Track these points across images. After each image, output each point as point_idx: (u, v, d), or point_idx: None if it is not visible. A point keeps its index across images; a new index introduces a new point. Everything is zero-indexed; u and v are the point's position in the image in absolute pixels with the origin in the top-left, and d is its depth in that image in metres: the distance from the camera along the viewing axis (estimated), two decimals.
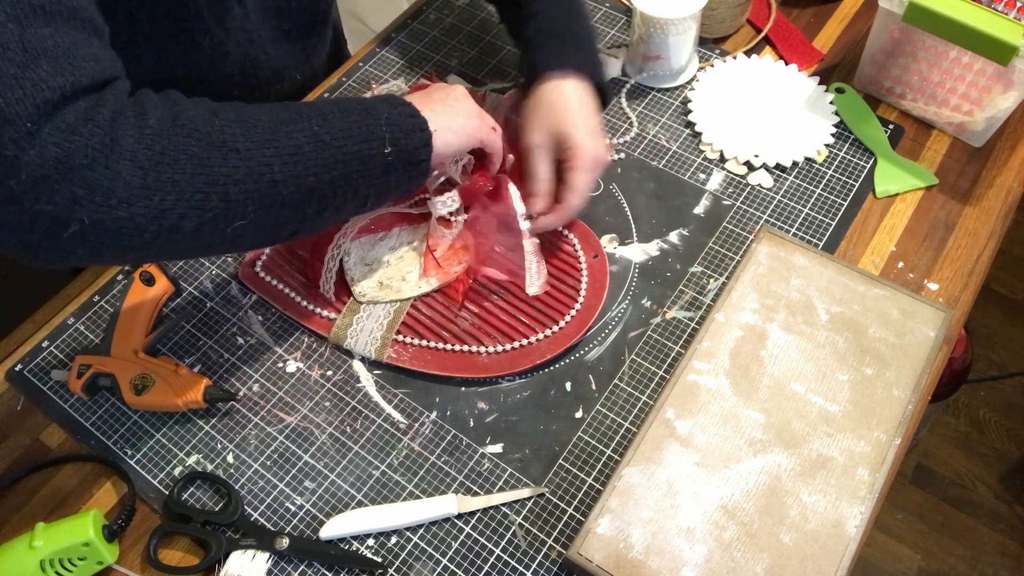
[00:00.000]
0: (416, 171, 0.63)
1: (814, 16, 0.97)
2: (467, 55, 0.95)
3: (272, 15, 0.79)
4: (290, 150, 0.55)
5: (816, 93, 0.87)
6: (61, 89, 0.46)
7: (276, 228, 0.58)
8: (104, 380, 0.68)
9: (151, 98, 0.52)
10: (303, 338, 0.74)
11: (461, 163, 0.73)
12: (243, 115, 0.55)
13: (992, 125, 0.81)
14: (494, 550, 0.63)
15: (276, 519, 0.65)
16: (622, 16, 0.98)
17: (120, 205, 0.48)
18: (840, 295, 0.72)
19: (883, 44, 0.84)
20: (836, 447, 0.64)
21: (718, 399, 0.67)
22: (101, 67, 0.49)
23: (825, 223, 0.79)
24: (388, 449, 0.68)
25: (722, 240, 0.78)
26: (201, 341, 0.74)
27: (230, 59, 0.77)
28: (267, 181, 0.54)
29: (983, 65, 0.78)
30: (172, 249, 0.53)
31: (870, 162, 0.83)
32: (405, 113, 0.62)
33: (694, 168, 0.83)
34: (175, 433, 0.69)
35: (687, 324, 0.73)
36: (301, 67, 0.89)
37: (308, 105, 0.59)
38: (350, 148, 0.58)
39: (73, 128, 0.46)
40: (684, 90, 0.90)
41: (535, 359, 0.71)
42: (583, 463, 0.67)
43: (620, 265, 0.77)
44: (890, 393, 0.66)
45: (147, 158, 0.49)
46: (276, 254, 0.78)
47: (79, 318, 0.76)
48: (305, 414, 0.70)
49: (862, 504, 0.62)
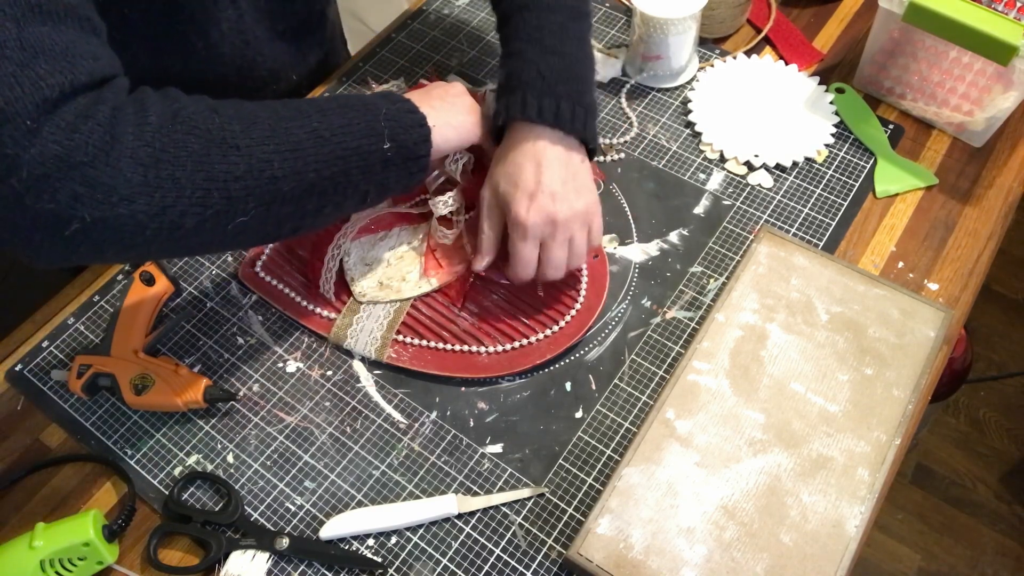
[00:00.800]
0: (416, 166, 0.63)
1: (814, 16, 0.97)
2: (467, 55, 0.95)
3: (265, 16, 0.79)
4: (290, 146, 0.55)
5: (816, 93, 0.87)
6: (60, 87, 0.46)
7: (277, 225, 0.58)
8: (104, 380, 0.68)
9: (151, 95, 0.52)
10: (303, 338, 0.74)
11: (461, 162, 0.73)
12: (243, 112, 0.55)
13: (992, 125, 0.81)
14: (494, 550, 0.63)
15: (276, 519, 0.65)
16: (622, 16, 0.98)
17: (121, 202, 0.48)
18: (840, 295, 0.72)
19: (883, 44, 0.84)
20: (836, 447, 0.64)
21: (718, 399, 0.67)
22: (99, 65, 0.50)
23: (825, 223, 0.79)
24: (388, 449, 0.68)
25: (722, 240, 0.78)
26: (201, 341, 0.74)
27: (225, 60, 0.77)
28: (267, 177, 0.54)
29: (983, 65, 0.78)
30: (174, 246, 0.53)
31: (870, 162, 0.83)
32: (404, 109, 0.62)
33: (694, 168, 0.83)
34: (175, 433, 0.69)
35: (687, 324, 0.73)
36: (297, 67, 0.89)
37: (307, 102, 0.59)
38: (349, 144, 0.58)
39: (73, 126, 0.46)
40: (684, 90, 0.90)
41: (535, 359, 0.71)
42: (583, 463, 0.67)
43: (620, 265, 0.77)
44: (890, 393, 0.66)
45: (147, 155, 0.49)
46: (276, 254, 0.78)
47: (79, 318, 0.76)
48: (305, 414, 0.70)
49: (862, 504, 0.62)
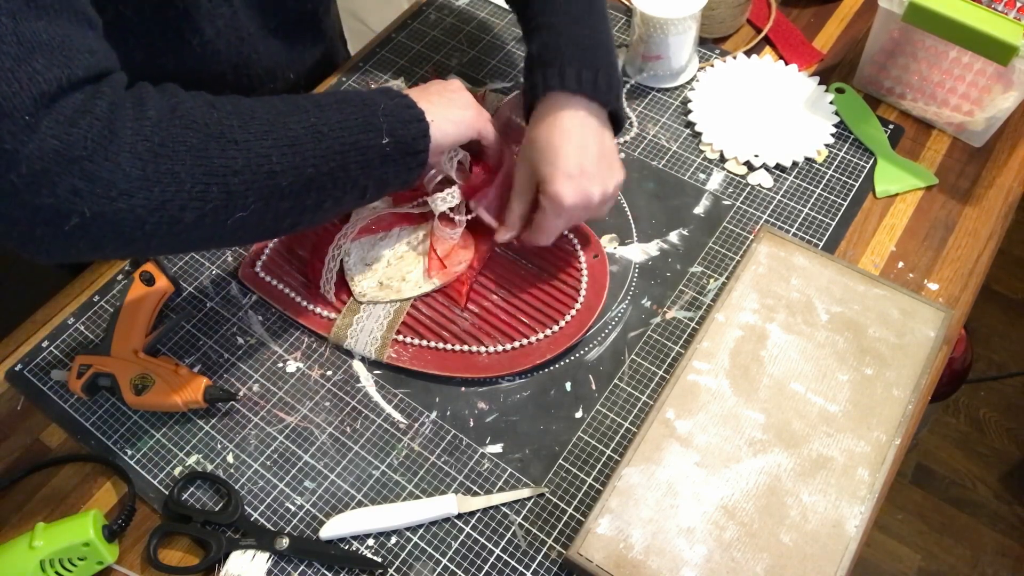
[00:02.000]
0: (414, 162, 0.63)
1: (814, 16, 0.97)
2: (467, 55, 0.95)
3: (258, 12, 0.79)
4: (288, 141, 0.55)
5: (816, 93, 0.87)
6: (57, 81, 0.46)
7: (276, 220, 0.58)
8: (104, 380, 0.68)
9: (149, 91, 0.52)
10: (303, 338, 0.74)
11: (456, 159, 0.73)
12: (241, 107, 0.55)
13: (992, 125, 0.81)
14: (494, 550, 0.63)
15: (276, 519, 0.65)
16: (622, 16, 0.98)
17: (120, 197, 0.48)
18: (840, 295, 0.72)
19: (883, 44, 0.84)
20: (836, 447, 0.64)
21: (718, 399, 0.67)
22: (96, 59, 0.50)
23: (825, 223, 0.79)
24: (388, 449, 0.68)
25: (722, 240, 0.78)
26: (201, 341, 0.74)
27: (221, 58, 0.77)
28: (266, 172, 0.54)
29: (983, 65, 0.78)
30: (174, 242, 0.53)
31: (870, 162, 0.83)
32: (402, 104, 0.62)
33: (694, 168, 0.83)
34: (175, 433, 0.69)
35: (687, 324, 0.73)
36: (294, 65, 0.89)
37: (306, 97, 0.59)
38: (347, 139, 0.58)
39: (72, 120, 0.46)
40: (684, 90, 0.90)
41: (535, 359, 0.71)
42: (583, 463, 0.67)
43: (620, 265, 0.77)
44: (890, 393, 0.66)
45: (146, 149, 0.49)
46: (276, 254, 0.78)
47: (79, 318, 0.76)
48: (305, 414, 0.70)
49: (862, 504, 0.62)
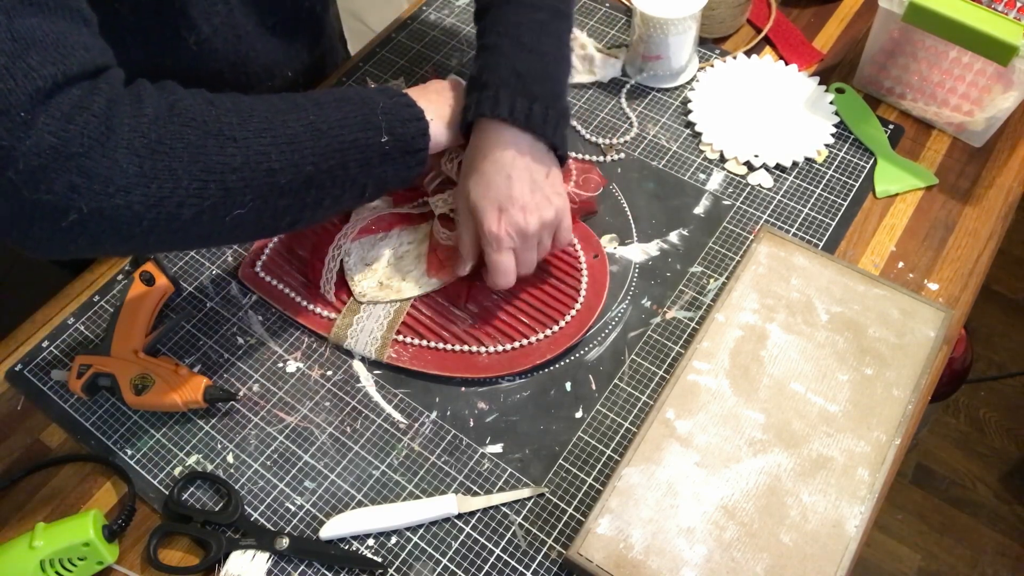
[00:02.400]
0: (414, 160, 0.63)
1: (814, 16, 0.97)
2: (467, 55, 0.95)
3: (254, 10, 0.79)
4: (287, 139, 0.55)
5: (816, 93, 0.87)
6: (53, 78, 0.46)
7: (275, 218, 0.58)
8: (104, 380, 0.68)
9: (147, 87, 0.52)
10: (303, 338, 0.74)
11: (457, 160, 0.73)
12: (239, 105, 0.55)
13: (992, 125, 0.81)
14: (494, 550, 0.63)
15: (276, 519, 0.65)
16: (622, 16, 0.98)
17: (118, 193, 0.48)
18: (840, 295, 0.72)
19: (883, 44, 0.84)
20: (836, 447, 0.64)
21: (718, 399, 0.67)
22: (91, 55, 0.49)
23: (825, 223, 0.79)
24: (388, 449, 0.68)
25: (722, 240, 0.78)
26: (201, 341, 0.74)
27: (218, 56, 0.77)
28: (264, 170, 0.54)
29: (983, 65, 0.78)
30: (172, 238, 0.53)
31: (870, 162, 0.83)
32: (401, 103, 0.62)
33: (694, 168, 0.83)
34: (175, 433, 0.69)
35: (687, 324, 0.73)
36: (292, 64, 0.88)
37: (305, 95, 0.59)
38: (347, 137, 0.58)
39: (68, 116, 0.46)
40: (684, 90, 0.90)
41: (535, 359, 0.71)
42: (583, 463, 0.67)
43: (620, 265, 0.77)
44: (890, 393, 0.66)
45: (143, 146, 0.49)
46: (276, 254, 0.78)
47: (79, 318, 0.76)
48: (305, 414, 0.70)
49: (862, 504, 0.62)
